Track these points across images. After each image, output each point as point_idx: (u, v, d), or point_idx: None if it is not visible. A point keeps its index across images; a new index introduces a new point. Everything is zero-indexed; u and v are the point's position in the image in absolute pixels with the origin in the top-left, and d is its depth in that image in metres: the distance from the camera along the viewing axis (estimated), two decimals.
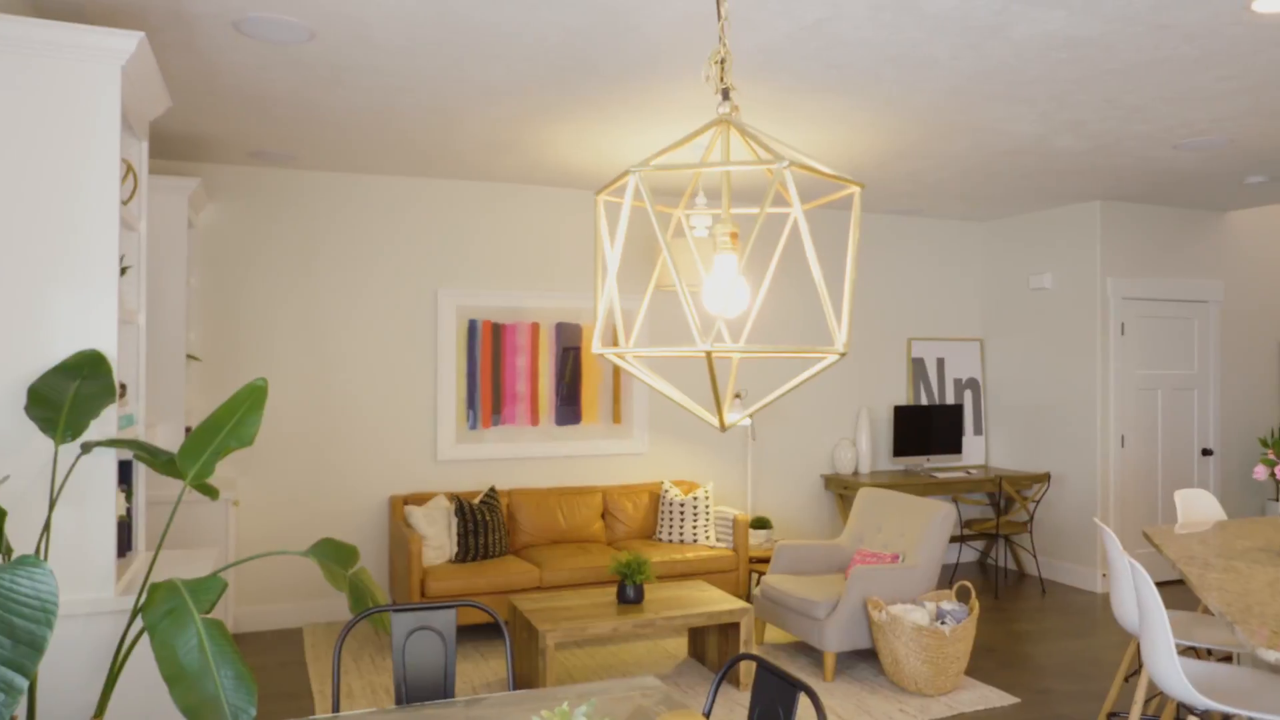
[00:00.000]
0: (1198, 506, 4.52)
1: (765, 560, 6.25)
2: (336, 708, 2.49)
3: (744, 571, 6.04)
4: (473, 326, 6.32)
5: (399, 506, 5.88)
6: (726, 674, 3.98)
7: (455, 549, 5.68)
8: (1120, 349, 6.86)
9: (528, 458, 6.44)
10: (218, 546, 4.99)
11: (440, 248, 6.25)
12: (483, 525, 5.76)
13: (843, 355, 1.23)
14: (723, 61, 1.35)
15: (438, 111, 4.54)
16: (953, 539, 7.36)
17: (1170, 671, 2.84)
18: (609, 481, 6.65)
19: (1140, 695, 3.50)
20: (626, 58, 3.74)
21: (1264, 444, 3.62)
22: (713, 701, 2.34)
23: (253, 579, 5.79)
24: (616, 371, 6.68)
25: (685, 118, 4.61)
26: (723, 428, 1.27)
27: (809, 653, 5.37)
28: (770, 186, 1.19)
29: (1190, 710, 2.92)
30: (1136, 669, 4.90)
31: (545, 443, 6.48)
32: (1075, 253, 6.99)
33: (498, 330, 6.38)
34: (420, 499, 5.96)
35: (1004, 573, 7.40)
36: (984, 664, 5.19)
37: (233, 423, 2.74)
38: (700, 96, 4.31)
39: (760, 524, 6.50)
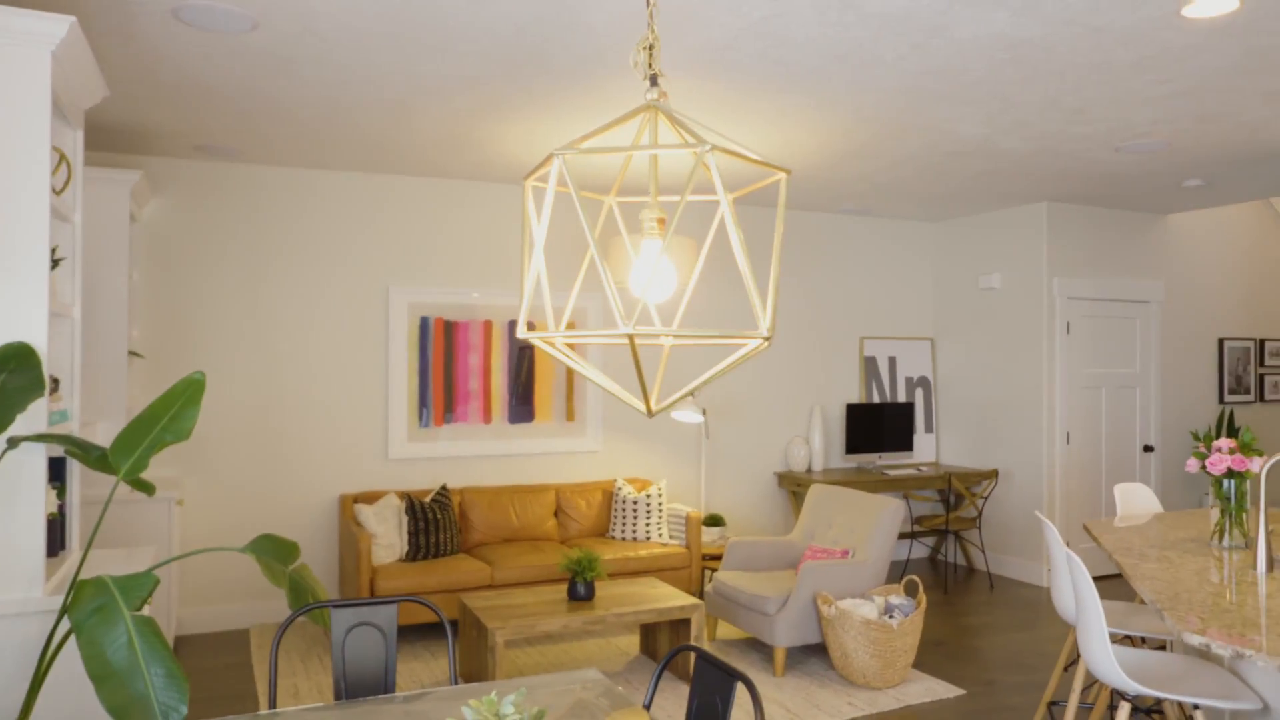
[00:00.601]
0: (1136, 500, 4.62)
1: (718, 557, 6.27)
2: (273, 705, 2.45)
3: (696, 568, 6.06)
4: (425, 324, 6.27)
5: (349, 505, 5.81)
6: (668, 666, 4.00)
7: (406, 547, 5.63)
8: (1066, 348, 6.99)
9: (480, 456, 6.40)
10: (158, 546, 4.89)
11: (392, 245, 6.19)
12: (434, 524, 5.71)
13: (767, 340, 1.24)
14: (651, 48, 1.35)
15: (389, 106, 4.50)
16: (904, 535, 7.45)
17: (1104, 659, 2.90)
18: (562, 479, 6.63)
19: (1078, 684, 3.57)
20: (576, 52, 3.73)
21: (1196, 438, 3.71)
22: (653, 693, 2.34)
23: (198, 580, 5.69)
24: (570, 369, 6.67)
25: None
26: (649, 413, 1.27)
27: (760, 648, 5.40)
28: (693, 170, 1.19)
29: (1122, 696, 2.98)
30: (1075, 658, 5.00)
31: (498, 441, 6.45)
32: (1023, 253, 7.11)
33: (450, 328, 6.34)
34: (371, 497, 5.89)
35: (954, 568, 7.51)
36: (932, 657, 5.27)
37: (168, 417, 2.68)
38: (669, 81, 4.31)
39: (713, 521, 6.52)
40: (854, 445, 7.32)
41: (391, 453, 6.14)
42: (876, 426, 7.43)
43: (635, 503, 6.24)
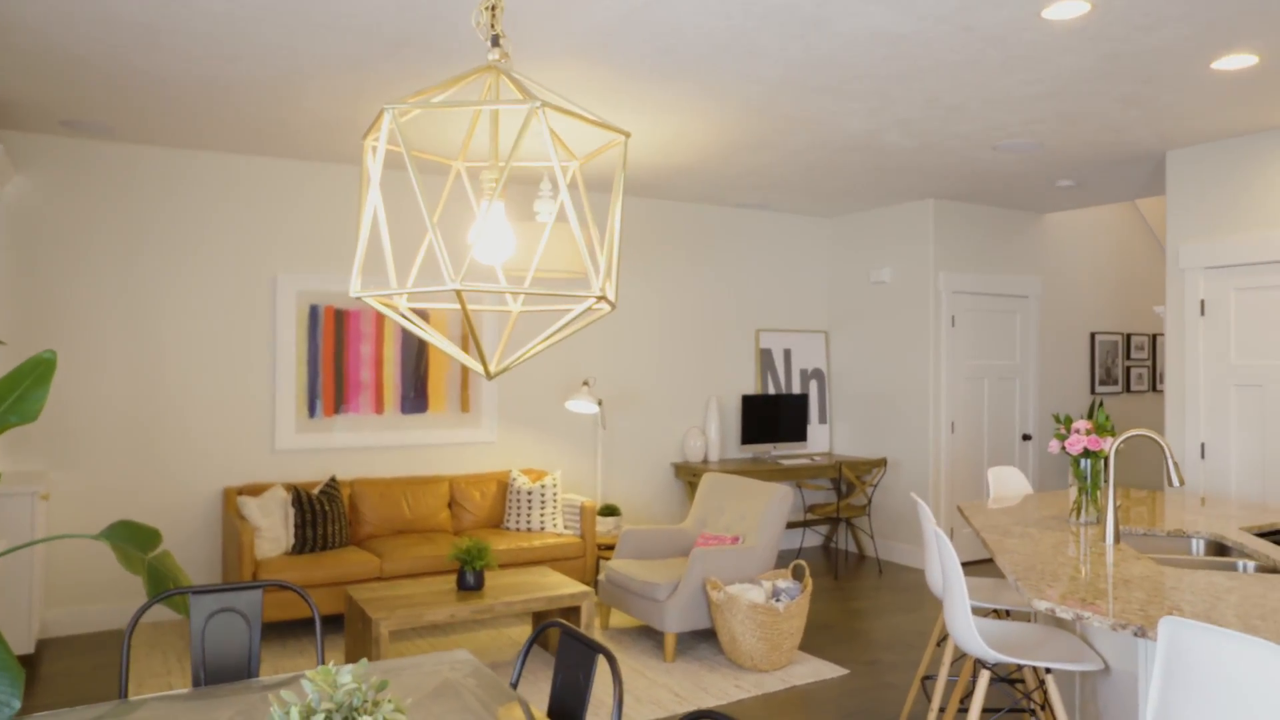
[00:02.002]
0: (1008, 482, 4.83)
1: (613, 547, 6.30)
2: (124, 694, 2.35)
3: (591, 558, 6.07)
4: (314, 312, 6.10)
5: (232, 498, 5.61)
6: (537, 643, 3.98)
7: (292, 540, 5.48)
8: (951, 340, 7.26)
9: (373, 447, 6.27)
10: (14, 542, 4.64)
11: (280, 231, 6.00)
12: (321, 516, 5.57)
13: (601, 299, 1.25)
14: (493, 8, 1.35)
15: (271, 85, 4.36)
16: (797, 524, 7.62)
17: (966, 630, 3.02)
18: (457, 471, 6.55)
19: (947, 657, 3.72)
20: (460, 34, 3.69)
21: (1057, 420, 3.89)
22: (520, 672, 2.33)
23: (65, 580, 5.41)
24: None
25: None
26: (488, 374, 1.26)
27: (652, 635, 5.45)
28: (523, 127, 1.19)
29: (983, 664, 3.12)
30: (946, 635, 5.19)
31: (391, 432, 6.33)
32: (911, 248, 7.35)
33: (341, 316, 6.19)
34: (256, 490, 5.71)
35: (845, 555, 7.71)
36: (819, 640, 5.40)
37: (13, 397, 2.55)
38: (539, 73, 4.29)
39: (609, 511, 6.54)
40: (750, 436, 7.44)
41: (279, 444, 5.96)
42: (772, 417, 7.56)
43: (530, 493, 6.21)
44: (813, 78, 4.22)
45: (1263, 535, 3.87)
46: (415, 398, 6.42)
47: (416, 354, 6.41)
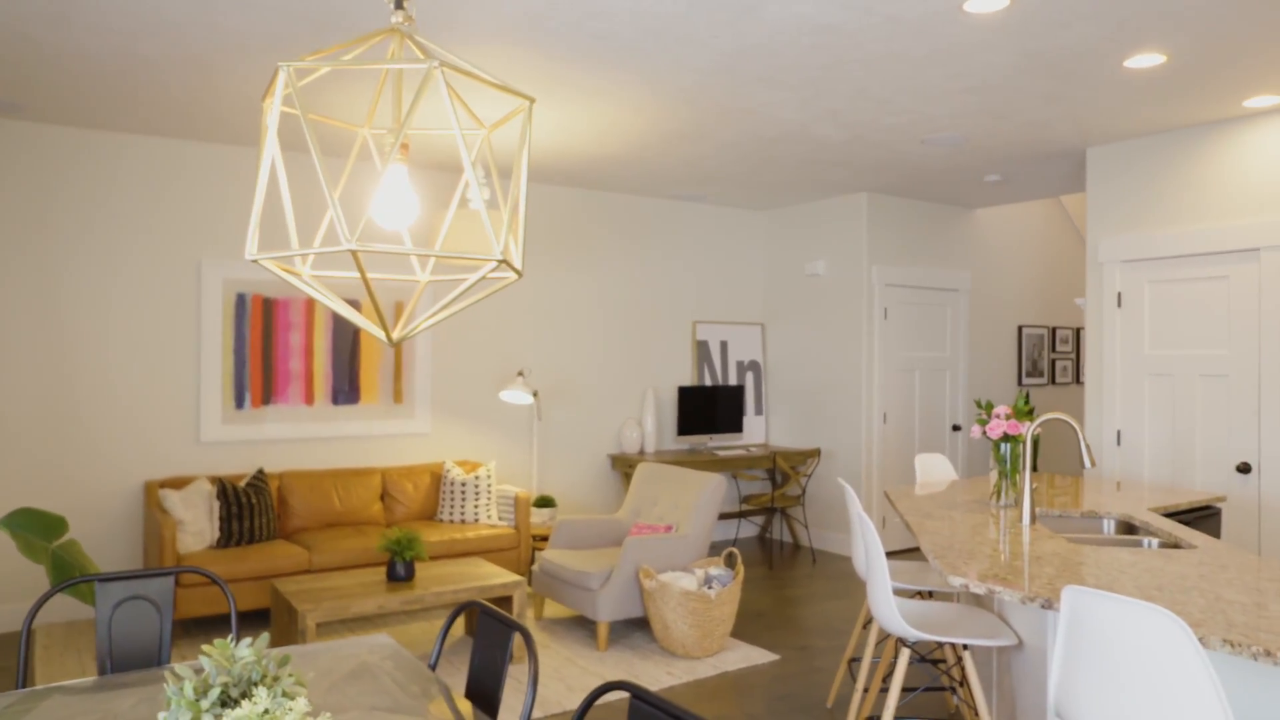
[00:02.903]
0: (934, 469, 4.93)
1: (548, 538, 6.27)
2: (22, 684, 2.27)
3: (525, 549, 6.04)
4: (241, 301, 5.96)
5: (154, 491, 5.46)
6: (447, 631, 3.95)
7: (217, 534, 5.35)
8: (883, 332, 7.38)
9: (303, 439, 6.15)
10: None
11: (204, 217, 5.85)
12: (248, 508, 5.45)
13: (503, 263, 1.24)
14: None
15: (191, 64, 4.24)
16: (732, 515, 7.68)
17: (887, 610, 3.08)
18: (390, 463, 6.47)
19: (872, 639, 3.78)
20: (385, 13, 3.63)
21: (979, 405, 3.99)
22: (439, 654, 2.31)
23: None
24: (399, 350, 6.51)
25: (477, 101, 4.54)
26: (390, 341, 1.25)
27: (586, 625, 5.44)
28: (421, 88, 1.17)
29: (904, 642, 3.18)
30: (872, 617, 5.29)
31: (321, 423, 6.21)
32: (845, 242, 7.46)
33: (269, 305, 6.05)
34: (180, 483, 5.56)
35: (780, 545, 7.80)
36: (751, 627, 5.45)
37: None
38: (467, 56, 4.25)
39: (544, 503, 6.52)
40: (686, 427, 7.48)
41: (204, 436, 5.81)
42: (708, 409, 7.61)
43: (464, 485, 6.16)
44: (744, 66, 4.26)
45: (1169, 515, 4.02)
46: (347, 389, 6.31)
47: (349, 344, 6.31)
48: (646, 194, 7.46)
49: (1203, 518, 4.18)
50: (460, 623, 5.45)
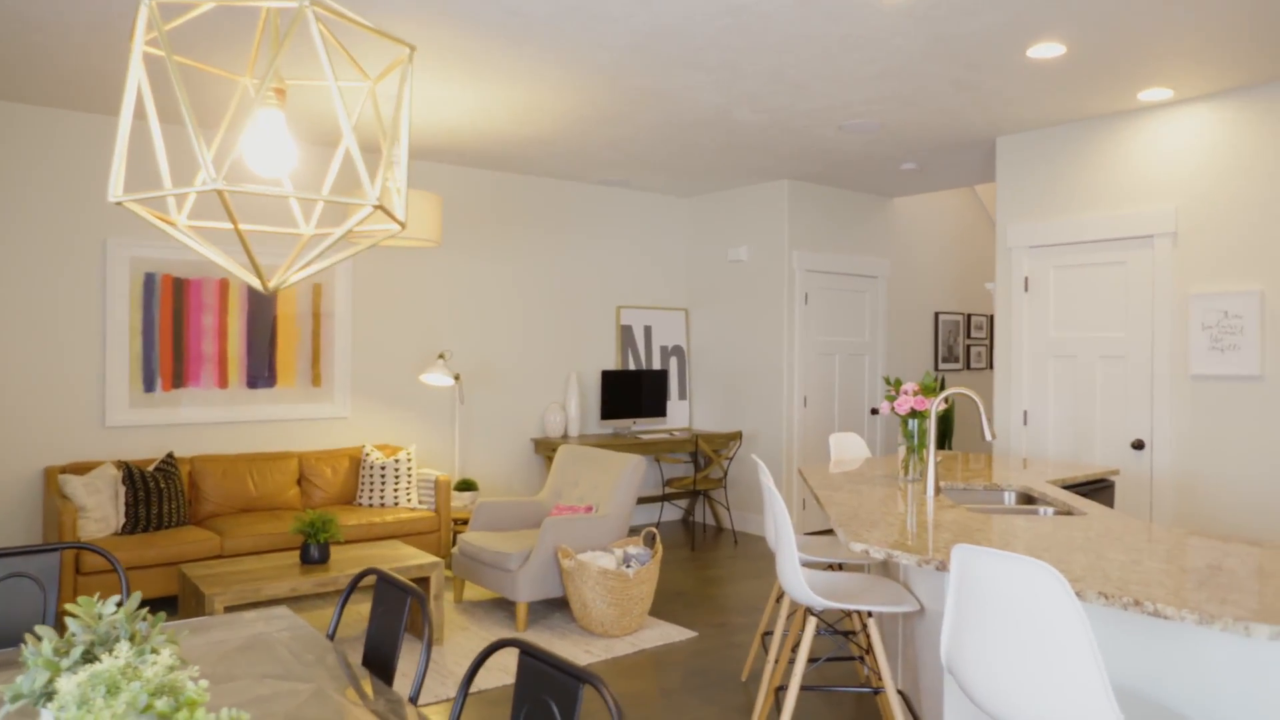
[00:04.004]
0: (848, 447, 5.04)
1: (469, 521, 6.23)
2: None
3: (446, 532, 6.00)
4: (150, 281, 5.77)
5: (54, 477, 5.26)
6: (348, 598, 3.91)
7: (123, 520, 5.18)
8: (804, 318, 7.50)
9: (216, 423, 5.99)
10: None
11: (107, 193, 5.63)
12: (156, 494, 5.29)
13: (379, 208, 1.23)
14: None
15: (88, 29, 4.08)
16: (655, 498, 7.73)
17: (794, 579, 3.14)
18: (307, 446, 6.34)
19: (784, 612, 3.85)
20: None
21: (887, 382, 4.09)
22: (336, 624, 2.28)
23: None
24: (316, 331, 6.38)
25: (369, 56, 4.46)
26: (265, 289, 1.22)
27: (506, 606, 5.43)
28: (290, 29, 1.15)
29: (811, 611, 3.25)
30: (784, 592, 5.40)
31: (235, 406, 6.06)
32: (767, 228, 7.55)
33: (180, 285, 5.87)
34: (83, 468, 5.37)
35: (703, 528, 7.88)
36: (671, 606, 5.50)
37: None
38: (393, 25, 4.17)
39: (466, 486, 6.48)
40: (610, 411, 7.49)
41: (110, 420, 5.62)
42: (632, 393, 7.64)
43: (384, 468, 6.08)
44: (660, 47, 4.27)
45: (1067, 488, 4.18)
46: (263, 372, 6.17)
47: (267, 327, 6.16)
48: (570, 178, 7.44)
49: (1098, 490, 4.36)
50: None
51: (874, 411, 8.04)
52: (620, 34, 4.11)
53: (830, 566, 4.21)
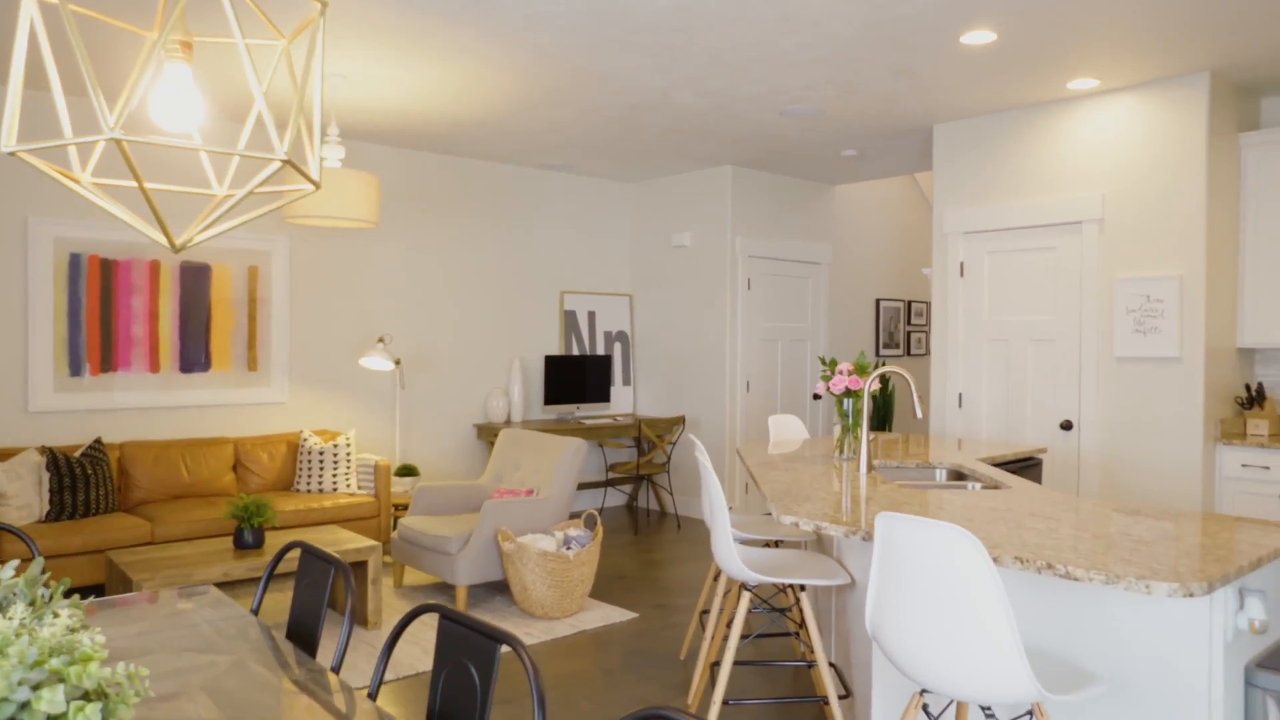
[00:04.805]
0: (787, 428, 5.10)
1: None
2: None
3: (386, 518, 5.94)
4: (76, 262, 5.60)
5: None
6: (273, 570, 3.87)
7: (46, 507, 5.04)
8: (747, 303, 7.56)
9: (147, 408, 5.85)
10: None
11: (30, 168, 5.45)
12: (83, 481, 5.15)
13: (287, 163, 1.21)
14: None
15: None
16: (599, 483, 7.74)
17: (727, 554, 3.17)
18: (244, 432, 6.22)
19: (720, 589, 3.89)
20: None
21: (823, 362, 4.14)
22: (261, 596, 2.25)
23: None
24: (253, 315, 6.25)
25: (286, 16, 4.37)
26: (173, 246, 1.20)
27: (445, 590, 5.40)
28: None
29: (745, 586, 3.29)
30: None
31: (168, 391, 5.92)
32: (710, 214, 7.59)
33: (108, 267, 5.71)
34: (4, 454, 5.20)
35: (647, 513, 7.92)
36: (612, 588, 5.52)
37: None
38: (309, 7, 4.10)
39: (407, 472, 6.42)
40: (553, 397, 7.48)
41: (33, 405, 5.45)
42: (576, 378, 7.64)
43: (322, 454, 5.99)
44: (600, 27, 4.26)
45: (998, 465, 4.29)
46: (196, 355, 6.03)
47: (202, 310, 6.02)
48: (513, 162, 7.39)
49: (1027, 467, 4.48)
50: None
51: (816, 397, 8.13)
52: (559, 14, 4.09)
53: (768, 544, 4.27)
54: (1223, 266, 5.05)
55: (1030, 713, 2.16)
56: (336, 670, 1.86)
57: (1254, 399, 5.07)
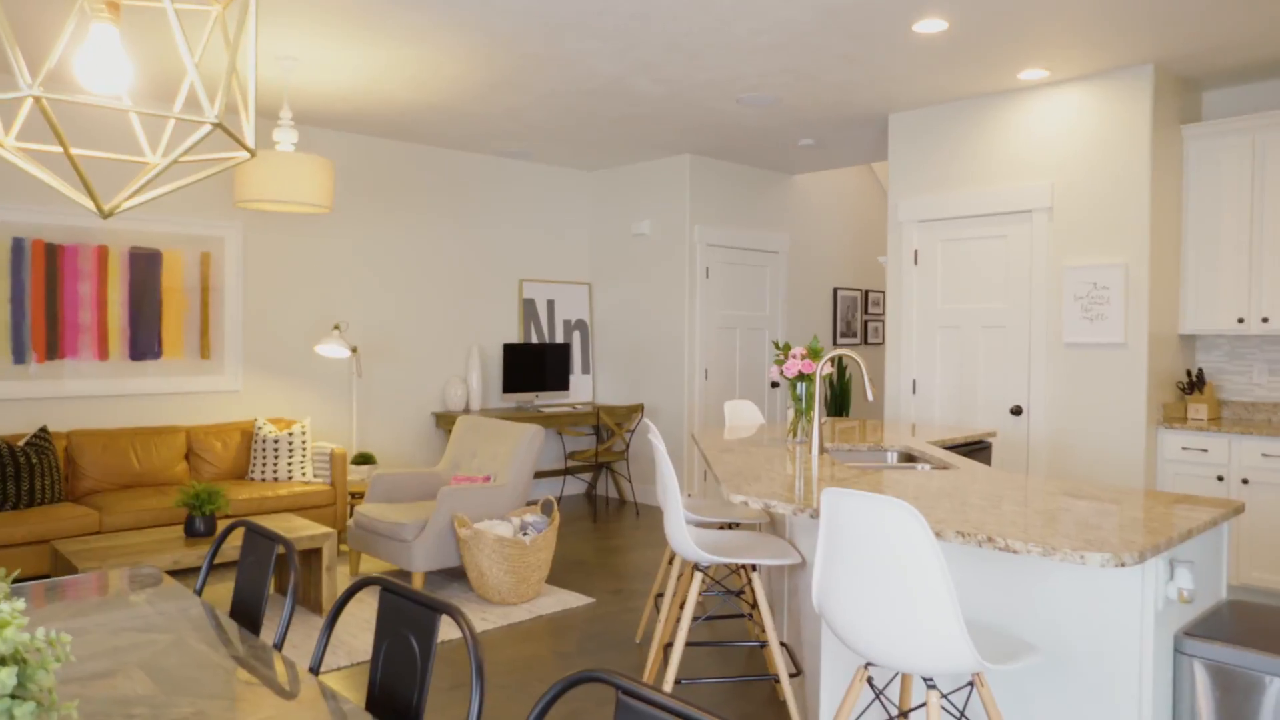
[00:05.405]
0: (742, 413, 5.14)
1: None
2: None
3: (342, 505, 5.89)
4: (19, 247, 5.47)
5: None
6: (217, 549, 3.83)
7: None
8: (705, 291, 7.59)
9: (95, 396, 5.74)
10: None
11: None
12: (27, 470, 5.04)
13: (218, 126, 1.20)
14: None
15: None
16: (558, 471, 7.74)
17: (679, 534, 3.20)
18: (196, 420, 6.13)
19: (674, 572, 3.92)
20: None
21: (776, 346, 4.18)
22: (205, 578, 2.23)
23: None
24: (205, 301, 6.16)
25: None
26: (101, 212, 1.18)
27: (402, 578, 5.37)
28: None
29: (697, 566, 3.32)
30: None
31: (117, 380, 5.81)
32: (669, 202, 7.60)
33: (53, 252, 5.59)
34: None
35: (606, 501, 7.94)
36: (570, 575, 5.53)
37: None
38: None
39: (364, 460, 6.37)
40: (512, 385, 7.46)
41: None
42: (535, 367, 7.62)
43: (277, 442, 5.92)
44: (555, 11, 4.25)
45: (949, 449, 4.36)
46: (147, 343, 5.93)
47: (152, 296, 5.91)
48: (472, 149, 7.34)
49: (977, 450, 4.56)
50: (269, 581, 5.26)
51: (774, 385, 8.21)
52: None
53: (724, 527, 4.30)
54: (1166, 255, 5.17)
55: (971, 683, 2.21)
56: (279, 647, 1.85)
57: (1194, 384, 5.20)
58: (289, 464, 5.90)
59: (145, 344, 5.93)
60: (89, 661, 1.73)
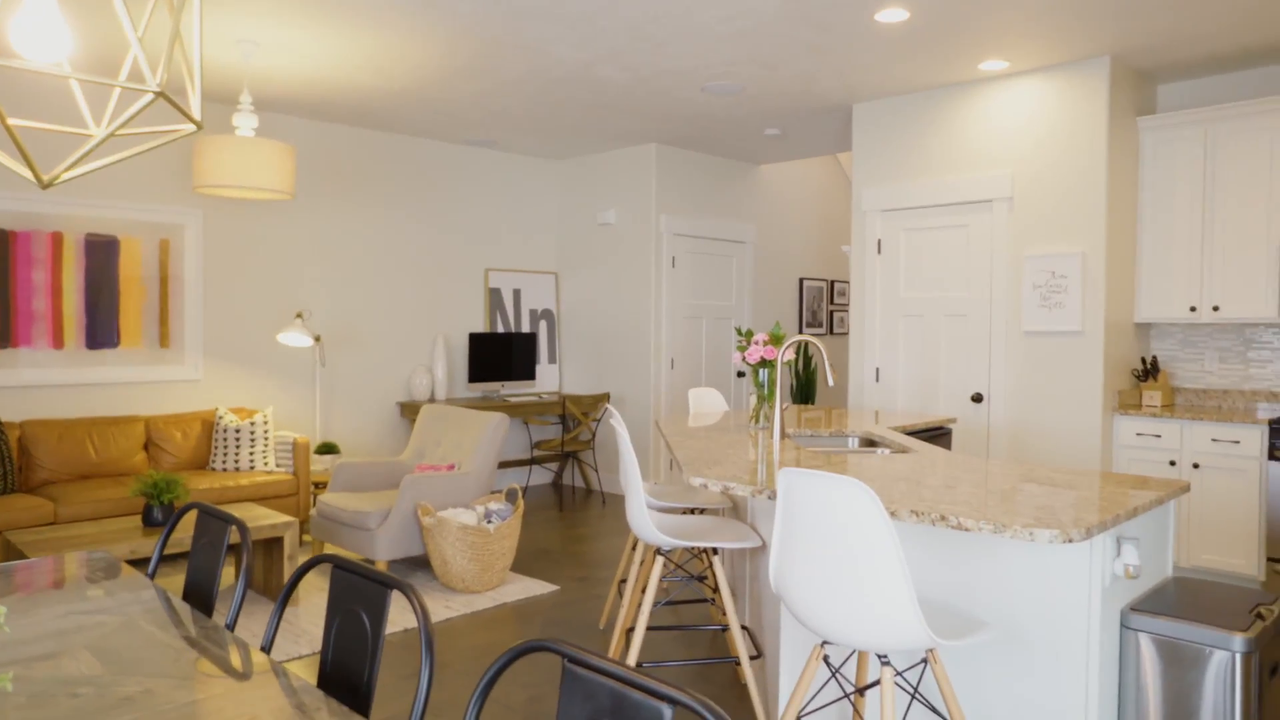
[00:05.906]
0: (707, 401, 5.16)
1: None
2: None
3: (305, 495, 5.84)
4: None
5: None
6: (170, 531, 3.80)
7: None
8: (672, 281, 7.61)
9: (50, 386, 5.63)
10: None
11: None
12: None
13: (160, 95, 1.18)
14: None
15: None
16: (524, 461, 7.72)
17: (640, 518, 3.21)
18: (156, 410, 6.04)
19: (637, 558, 3.93)
20: None
21: (739, 332, 4.20)
22: (157, 563, 2.21)
23: None
24: (164, 290, 6.06)
25: None
26: (40, 183, 1.16)
27: None
28: None
29: (659, 551, 3.33)
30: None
31: (73, 369, 5.71)
32: (635, 191, 7.60)
33: (5, 238, 5.48)
34: None
35: (573, 490, 7.94)
36: (535, 563, 5.53)
37: None
38: None
39: (327, 449, 6.32)
40: (478, 374, 7.43)
41: None
42: (501, 356, 7.60)
43: (239, 431, 5.85)
44: None
45: (911, 434, 4.41)
46: (105, 332, 5.83)
47: (110, 284, 5.81)
48: (437, 137, 7.29)
49: (938, 436, 4.62)
50: (229, 571, 5.21)
51: (740, 375, 8.25)
52: None
53: (688, 513, 4.32)
54: (1122, 244, 5.26)
55: (925, 659, 2.24)
56: (231, 628, 1.83)
57: (1149, 371, 5.31)
58: (251, 454, 5.84)
59: (103, 332, 5.83)
60: (33, 643, 1.71)
